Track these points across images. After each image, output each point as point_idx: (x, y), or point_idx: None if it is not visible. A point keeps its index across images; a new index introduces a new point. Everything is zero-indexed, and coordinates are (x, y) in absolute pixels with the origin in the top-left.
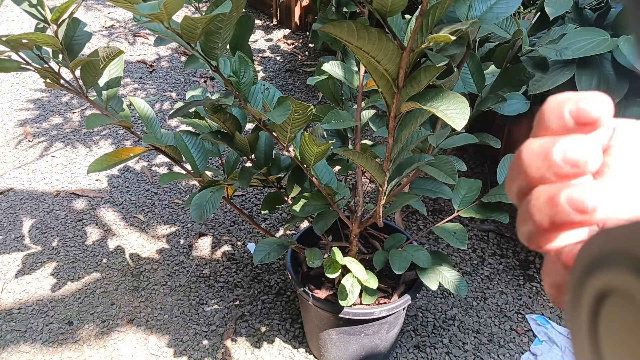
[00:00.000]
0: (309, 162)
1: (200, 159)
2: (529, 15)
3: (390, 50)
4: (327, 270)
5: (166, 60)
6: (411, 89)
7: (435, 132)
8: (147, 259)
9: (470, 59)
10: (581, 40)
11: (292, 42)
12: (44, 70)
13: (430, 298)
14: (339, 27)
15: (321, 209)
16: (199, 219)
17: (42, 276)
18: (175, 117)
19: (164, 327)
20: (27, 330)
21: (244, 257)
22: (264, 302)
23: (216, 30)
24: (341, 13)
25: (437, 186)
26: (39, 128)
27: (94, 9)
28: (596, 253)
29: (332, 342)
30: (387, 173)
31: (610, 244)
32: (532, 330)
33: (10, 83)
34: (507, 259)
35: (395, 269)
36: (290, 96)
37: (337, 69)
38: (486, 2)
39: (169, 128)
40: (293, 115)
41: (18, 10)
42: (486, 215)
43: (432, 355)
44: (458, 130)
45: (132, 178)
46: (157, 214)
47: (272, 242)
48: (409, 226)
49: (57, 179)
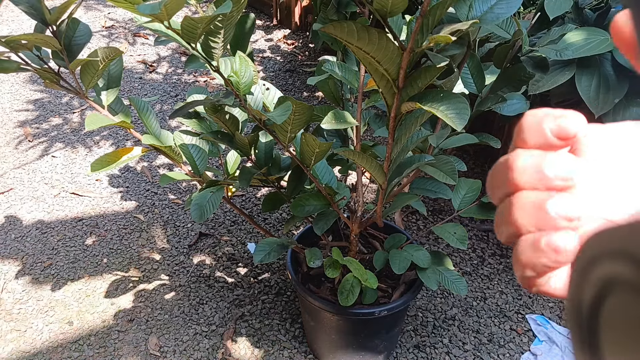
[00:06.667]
0: (309, 162)
1: (200, 159)
2: (529, 15)
3: (391, 51)
4: (327, 270)
5: (166, 61)
6: (411, 89)
7: (435, 132)
8: (147, 259)
9: (470, 59)
10: (581, 41)
11: (292, 42)
12: (44, 70)
13: (430, 298)
14: (339, 27)
15: (321, 209)
16: (199, 219)
17: (42, 276)
18: (176, 117)
19: (164, 327)
20: (27, 330)
21: (244, 257)
22: (264, 302)
23: (217, 30)
24: (341, 13)
25: (437, 186)
26: (39, 128)
27: (94, 9)
28: (600, 248)
29: (332, 342)
30: (387, 173)
31: (617, 241)
32: (532, 330)
33: (11, 83)
34: (507, 259)
35: (395, 269)
36: (290, 96)
37: (337, 69)
38: (487, 3)
39: (169, 128)
40: (293, 115)
41: (18, 11)
42: (486, 215)
43: (432, 355)
44: (458, 131)
45: (132, 178)
46: (157, 214)
47: (272, 242)
48: (409, 226)
49: (57, 179)
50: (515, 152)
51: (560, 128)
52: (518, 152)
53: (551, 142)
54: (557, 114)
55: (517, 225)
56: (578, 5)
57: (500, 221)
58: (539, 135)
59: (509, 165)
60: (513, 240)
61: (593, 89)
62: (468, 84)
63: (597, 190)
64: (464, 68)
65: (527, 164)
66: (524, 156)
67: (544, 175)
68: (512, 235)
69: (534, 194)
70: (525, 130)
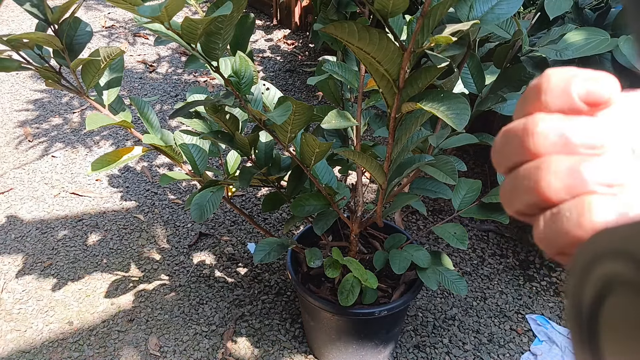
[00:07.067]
0: (309, 162)
1: (200, 159)
2: (529, 15)
3: (391, 51)
4: (327, 270)
5: (166, 60)
6: (412, 90)
7: (435, 132)
8: (147, 259)
9: (470, 59)
10: (581, 40)
11: (292, 42)
12: (45, 69)
13: (430, 298)
14: (340, 27)
15: (321, 209)
16: (199, 219)
17: (42, 276)
18: (176, 117)
19: (164, 327)
20: (27, 330)
21: (244, 257)
22: (264, 302)
23: (217, 31)
24: (342, 13)
25: (437, 186)
26: (39, 128)
27: (94, 9)
28: (601, 248)
29: (332, 342)
30: (387, 173)
31: (617, 240)
32: (532, 330)
33: (11, 83)
34: (507, 259)
35: (395, 269)
36: (290, 96)
37: (338, 69)
38: (487, 3)
39: (170, 128)
40: (293, 116)
41: (18, 10)
42: (486, 216)
43: (432, 355)
44: (458, 131)
45: (132, 178)
46: (157, 214)
47: (272, 242)
48: (409, 226)
49: (57, 179)
50: (535, 116)
51: (589, 93)
52: (538, 116)
53: (578, 108)
54: (587, 76)
55: (548, 192)
56: (578, 5)
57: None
58: (564, 99)
59: (528, 130)
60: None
61: None
62: (468, 84)
63: (630, 160)
64: (464, 68)
65: (550, 127)
66: (546, 120)
67: (569, 141)
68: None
69: (568, 158)
70: (547, 92)
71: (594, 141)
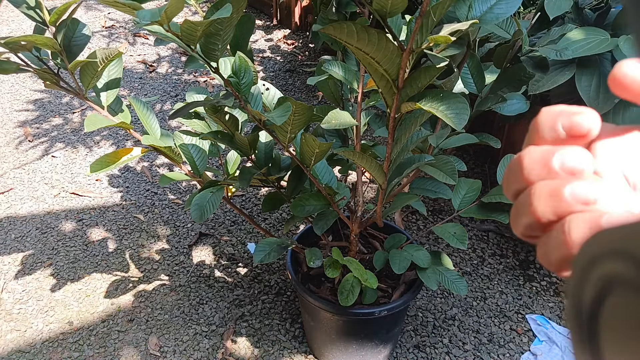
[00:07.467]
0: (309, 162)
1: (200, 160)
2: (529, 15)
3: (390, 51)
4: (327, 270)
5: (166, 61)
6: (411, 90)
7: (435, 132)
8: (147, 259)
9: (470, 59)
10: (581, 40)
11: (292, 42)
12: (43, 71)
13: (430, 298)
14: (339, 28)
15: (321, 209)
16: (199, 219)
17: (42, 276)
18: (176, 117)
19: (164, 327)
20: (27, 330)
21: (244, 257)
22: (264, 302)
23: (216, 32)
24: (341, 13)
25: (437, 186)
26: (39, 128)
27: (94, 9)
28: (600, 248)
29: (332, 342)
30: (387, 173)
31: (617, 240)
32: (532, 330)
33: (11, 84)
34: (507, 259)
35: (395, 269)
36: (290, 96)
37: (337, 69)
38: (486, 3)
39: (169, 128)
40: (293, 116)
41: (18, 10)
42: (486, 215)
43: (432, 355)
44: (458, 131)
45: (132, 178)
46: (157, 214)
47: (272, 242)
48: (409, 226)
49: (57, 179)
50: (527, 149)
51: (572, 124)
52: (529, 148)
53: (563, 138)
54: (572, 111)
55: (537, 214)
56: (578, 5)
57: (517, 214)
58: (553, 133)
59: (520, 161)
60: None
61: (593, 88)
62: (468, 84)
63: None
64: (464, 68)
65: (536, 158)
66: (534, 151)
67: (550, 167)
68: (531, 225)
69: (550, 182)
70: (539, 126)
71: (572, 165)
